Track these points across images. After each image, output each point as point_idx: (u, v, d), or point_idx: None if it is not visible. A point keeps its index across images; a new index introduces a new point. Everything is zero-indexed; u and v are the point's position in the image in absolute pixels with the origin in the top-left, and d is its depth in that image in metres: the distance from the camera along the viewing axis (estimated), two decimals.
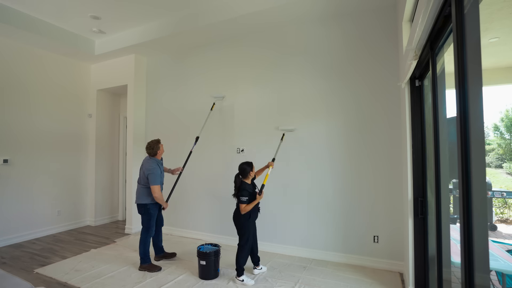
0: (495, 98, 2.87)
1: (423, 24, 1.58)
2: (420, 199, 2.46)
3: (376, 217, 3.25)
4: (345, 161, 3.41)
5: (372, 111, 3.30)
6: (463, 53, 1.19)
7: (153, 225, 3.29)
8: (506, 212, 4.36)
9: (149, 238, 3.26)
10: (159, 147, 3.33)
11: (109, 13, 3.92)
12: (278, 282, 2.89)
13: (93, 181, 5.21)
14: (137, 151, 4.82)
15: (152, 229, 3.29)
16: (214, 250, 3.01)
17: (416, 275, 2.50)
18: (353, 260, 3.33)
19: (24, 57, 4.39)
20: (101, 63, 5.22)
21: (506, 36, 1.91)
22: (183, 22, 3.94)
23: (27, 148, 4.40)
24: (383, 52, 3.25)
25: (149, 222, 3.25)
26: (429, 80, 2.18)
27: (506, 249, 2.60)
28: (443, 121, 1.89)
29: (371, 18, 3.32)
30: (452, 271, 2.00)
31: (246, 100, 4.05)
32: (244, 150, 4.03)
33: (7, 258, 3.62)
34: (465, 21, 1.19)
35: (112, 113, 5.57)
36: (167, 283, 2.90)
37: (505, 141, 4.02)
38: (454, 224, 2.30)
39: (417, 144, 2.53)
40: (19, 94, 4.31)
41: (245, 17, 3.54)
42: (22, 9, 3.83)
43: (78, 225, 5.10)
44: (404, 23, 2.57)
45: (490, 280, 2.38)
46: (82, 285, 2.85)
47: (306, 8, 3.34)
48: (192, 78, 4.54)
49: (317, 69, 3.59)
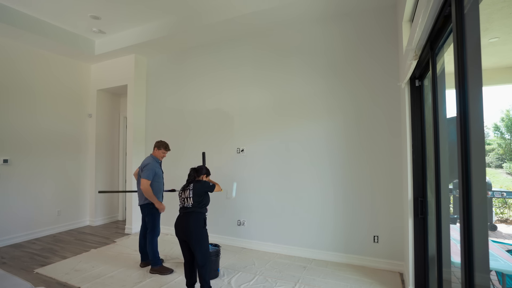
0: (495, 98, 2.87)
1: (423, 24, 1.58)
2: (420, 199, 2.46)
3: (376, 217, 3.25)
4: (345, 161, 3.41)
5: (372, 111, 3.30)
6: (463, 53, 1.19)
7: (158, 224, 3.26)
8: (506, 212, 4.36)
9: (156, 238, 3.23)
10: (161, 147, 3.31)
11: (109, 13, 3.92)
12: (278, 282, 2.89)
13: (93, 181, 5.21)
14: (137, 151, 4.82)
15: (158, 229, 3.26)
16: (214, 250, 3.00)
17: (416, 275, 2.50)
18: (353, 260, 3.33)
19: (24, 57, 4.38)
20: (101, 63, 5.22)
21: (506, 36, 1.91)
22: (183, 22, 3.94)
23: (27, 148, 4.40)
24: (383, 52, 3.25)
25: (154, 222, 3.23)
26: (429, 80, 2.18)
27: (506, 249, 2.61)
28: (443, 121, 1.89)
29: (371, 18, 3.32)
30: (452, 271, 2.00)
31: (246, 99, 4.05)
32: (244, 150, 4.03)
33: (7, 258, 3.62)
34: (465, 21, 1.19)
35: (112, 113, 5.57)
36: (167, 283, 2.90)
37: (505, 141, 4.01)
38: (454, 224, 2.31)
39: (417, 144, 2.53)
40: (19, 94, 4.31)
41: (245, 17, 3.54)
42: (22, 9, 3.83)
43: (78, 225, 5.09)
44: (404, 23, 2.57)
45: (490, 280, 2.38)
46: (82, 285, 2.85)
47: (306, 8, 3.34)
48: (192, 78, 4.54)
49: (317, 69, 3.59)
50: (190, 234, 2.50)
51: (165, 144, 3.35)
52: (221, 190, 2.91)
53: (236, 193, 3.29)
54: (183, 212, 2.61)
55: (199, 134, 4.42)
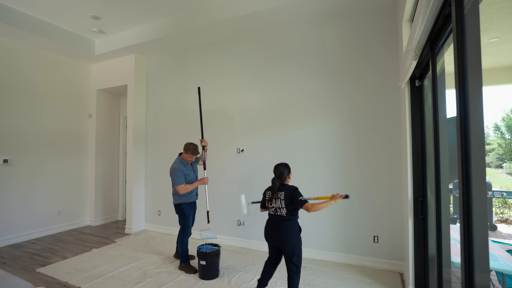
0: (495, 98, 2.87)
1: (423, 24, 1.58)
2: (420, 199, 2.46)
3: (376, 217, 3.25)
4: (344, 161, 3.41)
5: (372, 111, 3.30)
6: (463, 53, 1.19)
7: (188, 225, 3.27)
8: (506, 212, 4.36)
9: (186, 238, 3.24)
10: (188, 151, 3.19)
11: (109, 13, 3.92)
12: (278, 282, 2.89)
13: (93, 181, 5.21)
14: (137, 151, 4.82)
15: (188, 229, 3.26)
16: (214, 250, 3.01)
17: (416, 275, 2.50)
18: (353, 260, 3.33)
19: (24, 57, 4.38)
20: (101, 63, 5.22)
21: (506, 36, 1.91)
22: (183, 22, 3.94)
23: (27, 148, 4.40)
24: (383, 52, 3.25)
25: (184, 222, 3.25)
26: (429, 80, 2.18)
27: (506, 249, 2.61)
28: (443, 121, 1.89)
29: (371, 18, 3.32)
30: (452, 271, 2.00)
31: (246, 99, 4.05)
32: (244, 150, 4.03)
33: (7, 258, 3.62)
34: (465, 21, 1.19)
35: (112, 113, 5.57)
36: (167, 283, 2.90)
37: (505, 141, 4.02)
38: (454, 224, 2.31)
39: (417, 144, 2.53)
40: (18, 94, 4.31)
41: (245, 17, 3.54)
42: (22, 9, 3.83)
43: (78, 225, 5.10)
44: (404, 23, 2.57)
45: (490, 280, 2.38)
46: (82, 285, 2.85)
47: (306, 8, 3.34)
48: (192, 78, 4.54)
49: (317, 69, 3.59)
50: (285, 242, 2.31)
51: (192, 148, 3.19)
52: (312, 207, 2.26)
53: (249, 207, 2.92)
54: (276, 219, 2.37)
55: (199, 134, 4.41)
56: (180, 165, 3.19)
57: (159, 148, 4.84)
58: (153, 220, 4.86)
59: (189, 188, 3.18)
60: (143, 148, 4.94)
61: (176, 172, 3.13)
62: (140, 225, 4.85)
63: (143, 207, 4.94)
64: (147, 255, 3.66)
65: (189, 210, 3.27)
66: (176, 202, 3.27)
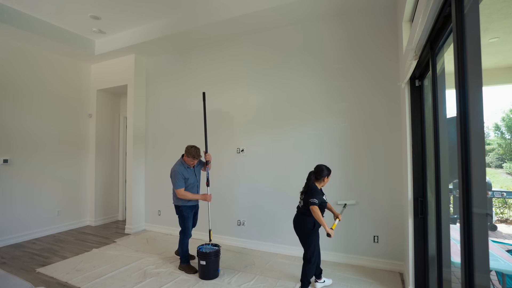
0: (495, 98, 2.87)
1: (423, 24, 1.58)
2: (420, 199, 2.46)
3: (376, 217, 3.25)
4: (344, 161, 3.41)
5: (372, 111, 3.29)
6: (463, 53, 1.19)
7: (188, 227, 3.22)
8: (506, 212, 4.36)
9: (186, 240, 3.22)
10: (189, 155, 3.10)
11: (109, 13, 3.92)
12: (279, 282, 2.89)
13: (93, 181, 5.21)
14: (137, 151, 4.82)
15: (188, 231, 3.23)
16: (214, 250, 3.00)
17: (416, 275, 2.50)
18: (353, 260, 3.33)
19: (23, 57, 4.38)
20: (101, 63, 5.22)
21: (506, 36, 1.91)
22: (183, 22, 3.94)
23: (27, 148, 4.40)
24: (383, 52, 3.25)
25: (183, 224, 3.21)
26: (429, 80, 2.18)
27: (506, 249, 2.61)
28: (443, 121, 1.89)
29: (371, 18, 3.32)
30: (452, 271, 2.00)
31: (246, 99, 4.05)
32: (244, 150, 4.03)
33: (7, 258, 3.62)
34: (465, 21, 1.19)
35: (112, 113, 5.57)
36: (167, 283, 2.90)
37: (505, 141, 4.02)
38: (454, 224, 2.31)
39: (417, 144, 2.53)
40: (19, 94, 4.31)
41: (245, 17, 3.54)
42: (22, 9, 3.83)
43: (78, 225, 5.10)
44: (404, 23, 2.57)
45: (490, 280, 2.38)
46: (82, 285, 2.85)
47: (306, 7, 3.34)
48: (192, 78, 4.54)
49: (317, 69, 3.59)
50: (296, 232, 2.70)
51: (193, 152, 3.09)
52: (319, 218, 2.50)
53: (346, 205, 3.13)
54: (297, 211, 2.75)
55: (199, 134, 4.41)
56: (181, 168, 3.13)
57: (159, 148, 4.84)
58: (153, 220, 4.86)
59: (188, 197, 3.12)
60: (143, 148, 4.94)
61: (176, 175, 3.09)
62: (140, 225, 4.85)
63: (143, 207, 4.94)
64: (147, 255, 3.66)
65: (188, 212, 3.23)
66: (175, 204, 3.25)
